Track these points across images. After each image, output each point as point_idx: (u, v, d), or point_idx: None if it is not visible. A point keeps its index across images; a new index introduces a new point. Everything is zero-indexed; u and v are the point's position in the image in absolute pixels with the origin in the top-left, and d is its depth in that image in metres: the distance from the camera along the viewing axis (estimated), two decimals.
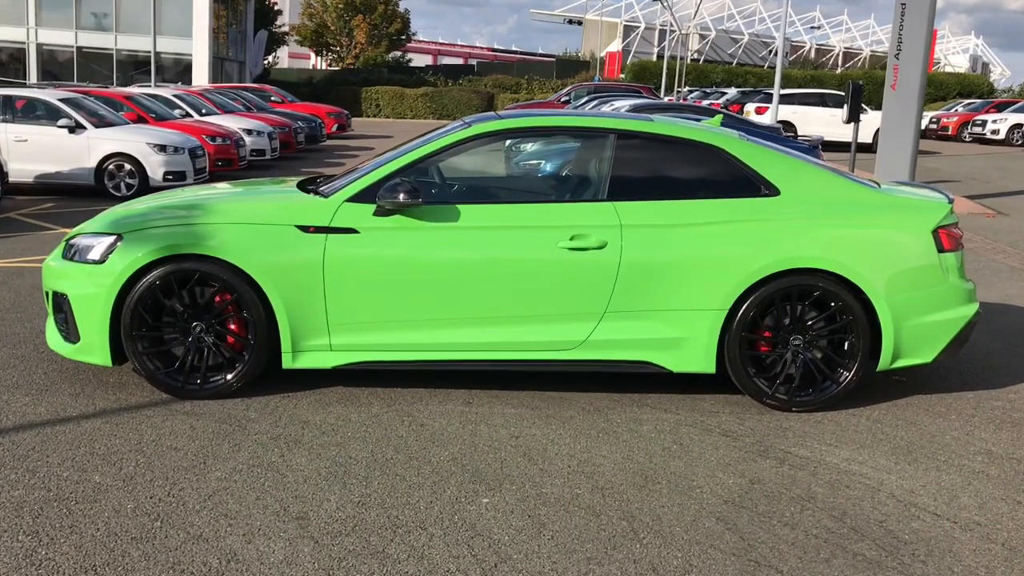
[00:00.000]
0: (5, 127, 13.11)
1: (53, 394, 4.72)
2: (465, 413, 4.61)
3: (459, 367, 4.74)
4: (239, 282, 4.60)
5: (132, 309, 4.62)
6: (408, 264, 4.62)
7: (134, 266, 4.59)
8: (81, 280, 4.69)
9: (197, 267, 4.60)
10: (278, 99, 27.15)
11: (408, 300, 4.65)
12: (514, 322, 4.69)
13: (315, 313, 4.66)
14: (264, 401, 4.69)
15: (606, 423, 4.55)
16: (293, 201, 4.84)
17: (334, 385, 4.95)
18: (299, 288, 4.61)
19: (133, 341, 4.66)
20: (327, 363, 4.73)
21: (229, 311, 4.71)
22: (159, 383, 4.71)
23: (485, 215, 4.71)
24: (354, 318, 4.67)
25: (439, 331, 4.69)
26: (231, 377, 4.70)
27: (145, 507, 3.49)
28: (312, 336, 4.69)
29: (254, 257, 4.58)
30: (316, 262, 4.60)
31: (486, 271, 4.64)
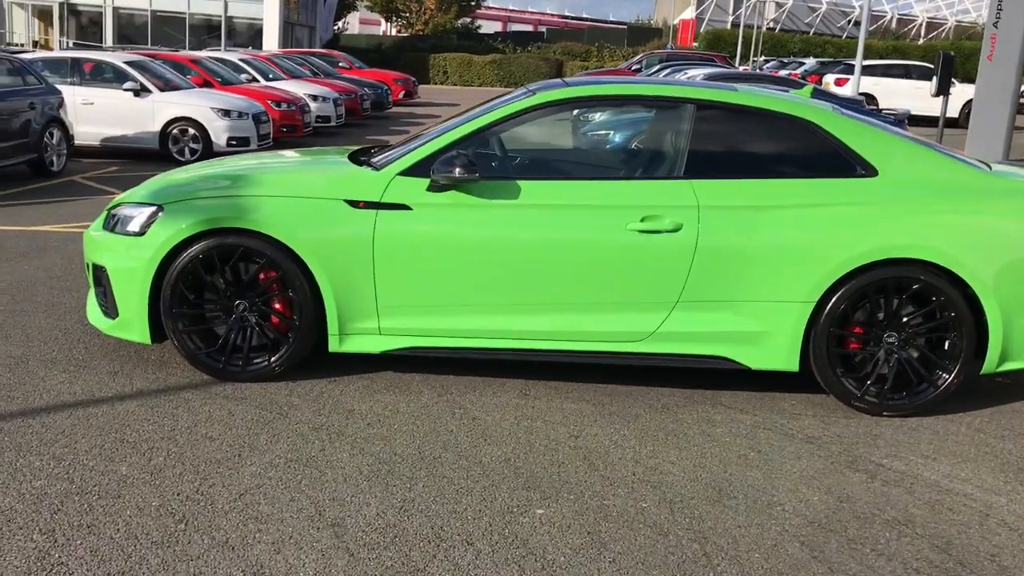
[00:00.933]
0: (73, 90, 13.09)
1: (91, 372, 4.49)
2: (521, 407, 4.25)
3: (516, 357, 4.38)
4: (284, 259, 4.30)
5: (172, 285, 4.36)
6: (463, 244, 4.26)
7: (175, 239, 4.32)
8: (120, 252, 4.44)
9: (240, 242, 4.31)
10: (346, 65, 26.96)
11: (463, 283, 4.30)
12: (577, 310, 4.31)
13: (364, 294, 4.33)
14: (309, 386, 4.40)
15: (675, 424, 4.15)
16: (343, 174, 4.50)
17: (383, 370, 4.64)
18: (347, 267, 4.29)
19: (173, 319, 4.40)
20: (375, 348, 4.41)
21: (274, 290, 4.42)
22: (199, 363, 4.45)
23: (547, 192, 4.31)
24: (405, 300, 4.34)
25: (495, 317, 4.33)
26: (274, 360, 4.41)
27: (171, 505, 3.22)
28: (360, 318, 4.38)
29: (300, 233, 4.27)
30: (365, 240, 4.27)
31: (547, 253, 4.25)
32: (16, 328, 5.14)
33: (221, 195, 4.38)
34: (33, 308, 5.54)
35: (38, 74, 11.63)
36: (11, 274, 6.37)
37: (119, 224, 4.51)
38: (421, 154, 4.38)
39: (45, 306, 5.60)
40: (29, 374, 4.43)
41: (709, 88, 4.70)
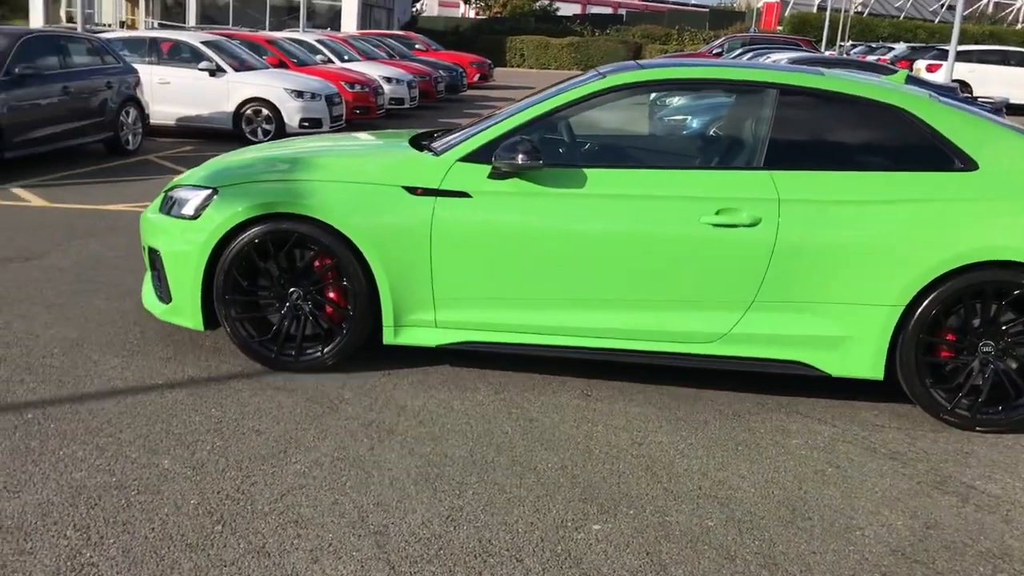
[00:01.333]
0: (150, 69, 13.24)
1: (144, 357, 4.41)
2: (581, 408, 4.02)
3: (577, 355, 4.14)
4: (339, 246, 4.14)
5: (225, 271, 4.24)
6: (525, 234, 4.04)
7: (228, 224, 4.19)
8: (174, 236, 4.34)
9: (295, 228, 4.16)
10: (422, 47, 26.90)
11: (524, 275, 4.08)
12: (644, 307, 4.06)
13: (420, 285, 4.15)
14: (362, 379, 4.24)
15: (747, 433, 3.87)
16: (401, 158, 4.31)
17: (439, 364, 4.46)
18: (403, 256, 4.11)
19: (225, 305, 4.29)
20: (431, 341, 4.23)
21: (328, 278, 4.27)
22: (251, 351, 4.33)
23: (616, 181, 4.06)
24: (463, 292, 4.14)
25: (557, 312, 4.11)
26: (327, 351, 4.27)
27: (210, 504, 3.08)
28: (416, 310, 4.20)
29: (355, 219, 4.10)
30: (423, 228, 4.08)
31: (614, 247, 4.00)
32: (76, 309, 5.10)
33: (276, 179, 4.24)
34: (94, 289, 5.52)
35: (116, 53, 11.76)
36: (78, 253, 6.38)
37: (174, 207, 4.41)
38: (483, 139, 4.16)
39: (107, 287, 5.57)
40: (83, 358, 4.37)
41: (793, 72, 4.38)
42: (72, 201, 8.34)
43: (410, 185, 4.11)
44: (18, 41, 10.00)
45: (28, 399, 3.86)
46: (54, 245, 6.59)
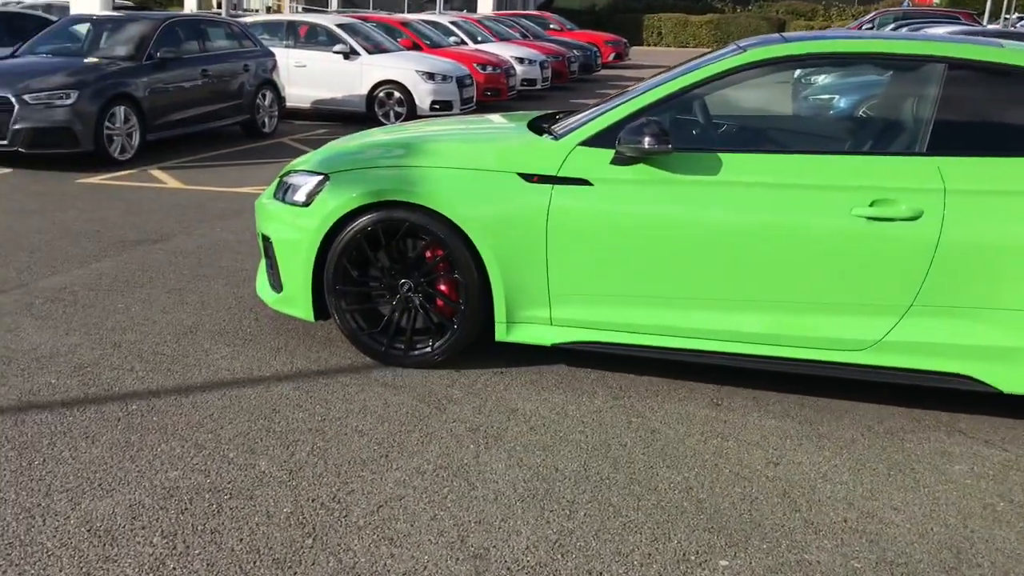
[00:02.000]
0: (288, 52, 13.44)
1: (254, 346, 4.30)
2: (710, 420, 3.65)
3: (707, 360, 3.76)
4: (451, 236, 3.89)
5: (336, 260, 4.06)
6: (651, 227, 3.68)
7: (338, 212, 4.01)
8: (286, 223, 4.19)
9: (406, 216, 3.94)
10: (556, 27, 26.55)
11: (648, 272, 3.72)
12: (784, 309, 3.63)
13: (535, 279, 3.86)
14: (472, 377, 3.99)
15: (900, 455, 3.41)
16: (517, 143, 4.01)
17: (555, 363, 4.16)
18: (517, 248, 3.83)
19: (336, 296, 4.11)
20: (546, 339, 3.93)
21: (440, 270, 4.03)
22: (361, 344, 4.14)
23: (754, 167, 3.64)
24: (581, 289, 3.82)
25: (686, 313, 3.74)
26: (436, 347, 4.04)
27: (303, 513, 2.89)
28: (530, 306, 3.91)
29: (467, 208, 3.84)
30: (539, 218, 3.78)
31: (751, 241, 3.59)
32: (194, 294, 5.07)
33: (388, 165, 4.02)
34: (214, 273, 5.49)
35: (254, 37, 11.96)
36: (203, 236, 6.40)
37: (287, 193, 4.27)
38: (606, 121, 3.82)
39: (227, 272, 5.53)
40: (194, 346, 4.29)
41: (965, 44, 3.83)
42: (206, 183, 8.46)
43: (526, 172, 3.82)
44: (160, 26, 10.26)
45: (135, 389, 3.79)
46: (182, 228, 6.65)
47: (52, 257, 5.79)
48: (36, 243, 6.13)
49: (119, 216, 6.99)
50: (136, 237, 6.35)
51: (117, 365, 4.04)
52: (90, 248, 6.03)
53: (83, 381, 3.85)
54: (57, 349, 4.20)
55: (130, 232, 6.49)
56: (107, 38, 10.27)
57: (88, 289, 5.14)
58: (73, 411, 3.56)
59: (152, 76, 9.75)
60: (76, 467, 3.13)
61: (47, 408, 3.58)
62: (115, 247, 6.06)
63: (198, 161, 9.70)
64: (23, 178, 8.54)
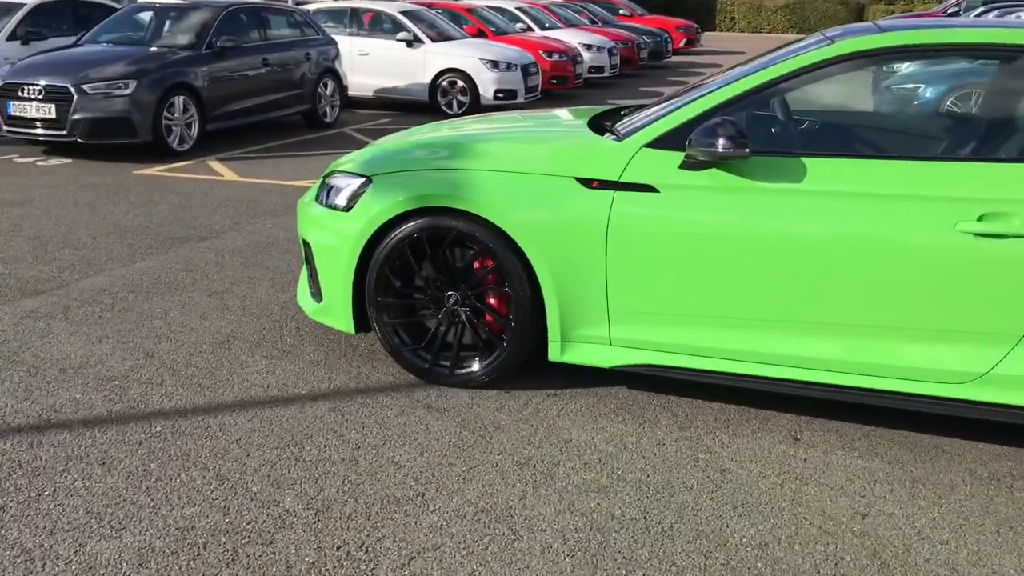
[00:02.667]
0: (351, 40, 13.24)
1: (293, 359, 4.03)
2: (788, 458, 3.25)
3: (786, 390, 3.36)
4: (500, 246, 3.55)
5: (378, 269, 3.76)
6: (723, 239, 3.28)
7: (381, 218, 3.71)
8: (326, 228, 3.90)
9: (453, 224, 3.61)
10: (626, 12, 25.95)
11: (720, 289, 3.33)
12: (874, 335, 3.21)
13: (593, 295, 3.50)
14: (523, 400, 3.66)
15: (1010, 507, 2.97)
16: (575, 144, 3.65)
17: (614, 385, 3.80)
18: (574, 260, 3.47)
19: (377, 308, 3.81)
20: (603, 361, 3.57)
21: (489, 282, 3.70)
22: (403, 360, 3.84)
23: (841, 174, 3.22)
24: (644, 306, 3.45)
25: (762, 336, 3.34)
26: (484, 366, 3.71)
27: (326, 564, 2.59)
28: (587, 324, 3.55)
29: (518, 215, 3.49)
30: (598, 228, 3.42)
31: (837, 258, 3.18)
32: (236, 298, 4.83)
33: (435, 167, 3.70)
34: (260, 275, 5.25)
35: (317, 25, 11.76)
36: (253, 234, 6.18)
37: (329, 195, 3.98)
38: (675, 120, 3.43)
39: (272, 273, 5.29)
40: (230, 357, 4.04)
41: None
42: (263, 176, 8.27)
43: (584, 176, 3.45)
44: (221, 13, 10.10)
45: (162, 407, 3.54)
46: (232, 223, 6.44)
47: (96, 255, 5.61)
48: (83, 239, 5.97)
49: (170, 210, 6.82)
50: (184, 233, 6.16)
51: (147, 379, 3.80)
52: (136, 245, 5.85)
53: (109, 397, 3.62)
54: (87, 359, 3.99)
55: (178, 227, 6.31)
56: (169, 26, 10.16)
57: (128, 291, 4.93)
58: (94, 432, 3.33)
59: (212, 65, 9.60)
60: (87, 499, 2.88)
61: (67, 427, 3.36)
62: (161, 244, 5.87)
63: (257, 152, 9.54)
64: (81, 169, 8.46)
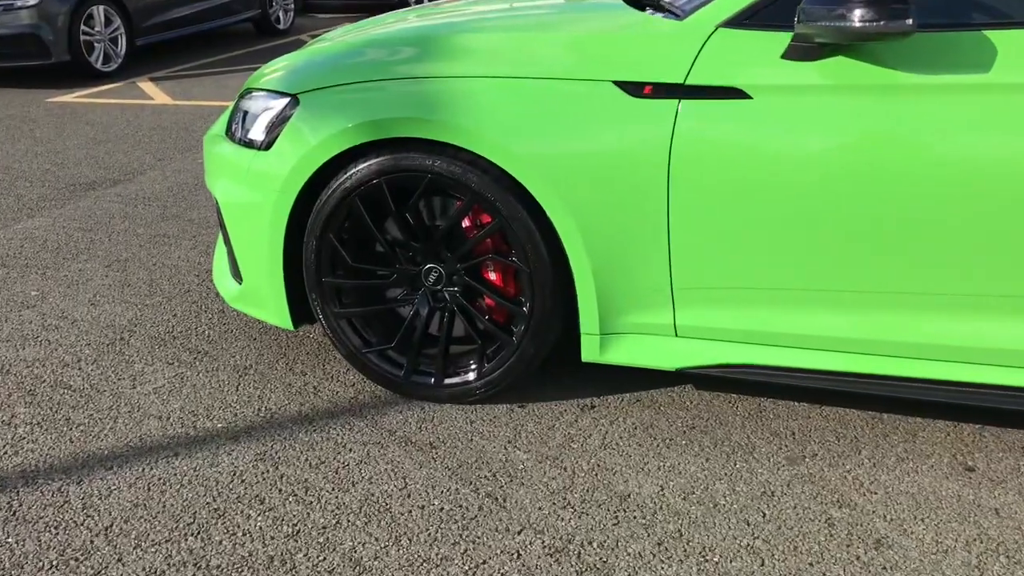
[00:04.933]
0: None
1: (208, 367, 2.81)
2: (968, 507, 2.07)
3: (946, 397, 2.16)
4: (503, 195, 2.30)
5: (318, 236, 2.51)
6: (858, 173, 2.04)
7: (316, 158, 2.43)
8: (238, 176, 2.62)
9: (427, 164, 2.35)
10: None
11: (853, 252, 2.10)
12: None
13: (648, 263, 2.27)
14: (547, 420, 2.46)
15: None
16: (612, 30, 2.34)
17: (674, 385, 2.60)
18: (618, 211, 2.22)
19: (323, 293, 2.58)
20: (667, 360, 2.36)
21: (486, 249, 2.46)
22: (367, 367, 2.62)
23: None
24: (728, 279, 2.22)
25: (926, 319, 2.13)
26: (485, 371, 2.50)
27: None
28: (640, 307, 2.33)
29: (528, 147, 2.23)
30: (653, 159, 2.16)
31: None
32: (143, 268, 3.58)
33: (395, 76, 2.40)
34: (179, 231, 3.98)
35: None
36: (179, 173, 4.89)
37: (241, 124, 2.69)
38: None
39: (196, 228, 4.03)
40: (120, 368, 2.82)
41: None
42: (202, 96, 6.92)
43: (629, 79, 2.17)
44: None
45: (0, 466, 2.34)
46: (155, 161, 5.13)
47: None
48: None
49: (81, 147, 5.49)
50: (92, 177, 4.86)
51: None
52: (27, 196, 4.56)
53: None
54: None
55: (87, 169, 5.00)
56: None
57: (0, 264, 3.68)
58: None
59: None
60: None
61: None
62: (60, 194, 4.57)
63: (197, 69, 8.13)
64: None
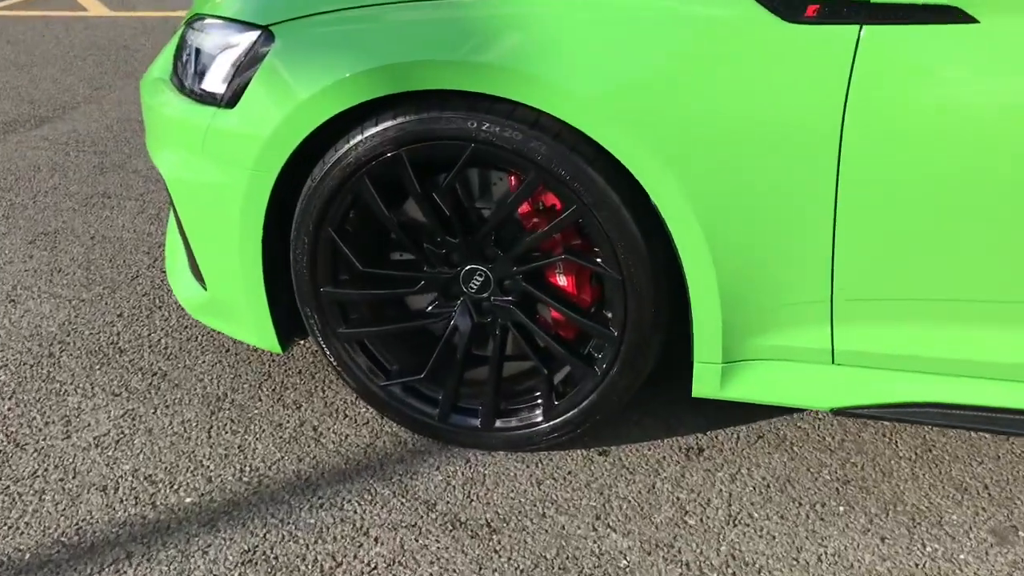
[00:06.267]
0: None
1: (165, 399, 2.08)
2: None
3: None
4: (585, 172, 1.55)
5: (311, 230, 1.75)
6: None
7: (307, 122, 1.65)
8: (188, 144, 1.83)
9: (469, 128, 1.58)
10: None
11: None
12: None
13: (800, 260, 1.54)
14: (648, 464, 1.78)
15: None
16: None
17: (815, 422, 1.92)
18: (758, 191, 1.49)
19: (320, 307, 1.84)
20: (821, 397, 1.66)
21: (554, 248, 1.72)
22: (387, 406, 1.90)
23: None
24: (919, 285, 1.52)
25: None
26: (555, 411, 1.80)
27: None
28: (785, 323, 1.61)
29: (627, 100, 1.48)
30: (819, 113, 1.41)
31: None
32: (76, 242, 2.81)
33: (412, 6, 1.61)
34: (119, 190, 3.19)
35: None
36: (120, 105, 4.05)
37: (191, 68, 1.88)
38: None
39: (144, 182, 3.24)
40: (50, 397, 2.08)
41: None
42: (145, 5, 5.98)
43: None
44: None
45: None
46: (90, 90, 4.28)
47: None
48: None
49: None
50: (13, 114, 4.01)
51: None
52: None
53: None
54: None
55: (7, 104, 4.15)
56: None
57: None
58: None
59: None
60: None
61: None
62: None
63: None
64: None
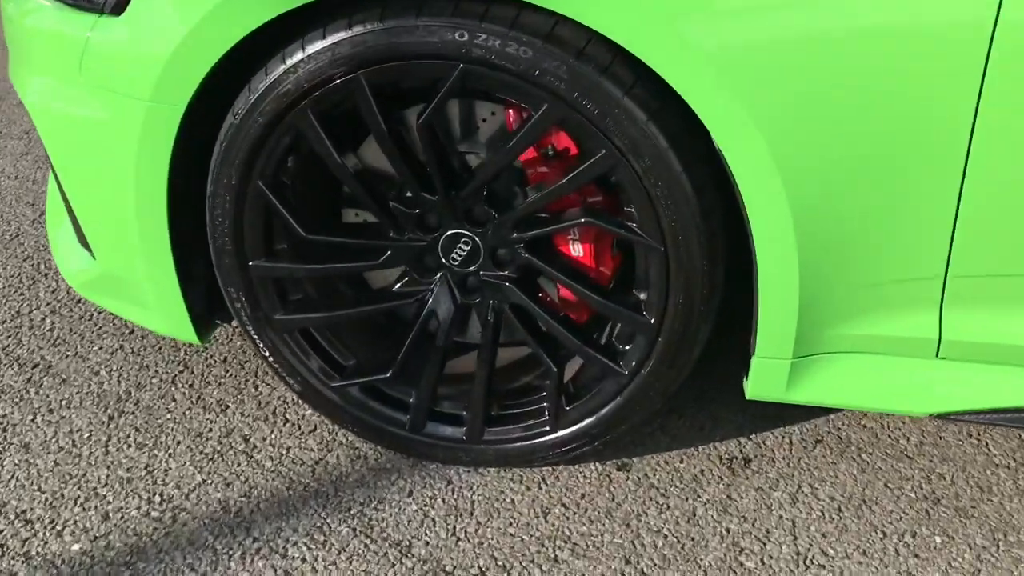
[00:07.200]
0: None
1: (65, 414, 1.60)
2: None
3: None
4: (619, 105, 1.10)
5: (236, 183, 1.26)
6: None
7: (223, 35, 1.15)
8: (61, 66, 1.31)
9: (454, 41, 1.11)
10: None
11: None
12: None
13: (912, 229, 1.12)
14: (683, 483, 1.38)
15: None
16: None
17: (900, 429, 1.54)
18: (862, 136, 1.05)
19: (249, 288, 1.35)
20: (920, 400, 1.25)
21: (568, 207, 1.27)
22: (341, 413, 1.45)
23: None
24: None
25: None
26: (564, 417, 1.36)
27: None
28: (881, 306, 1.19)
29: (676, 27, 1.03)
30: (956, 39, 0.98)
31: None
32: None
33: None
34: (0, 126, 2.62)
35: None
36: None
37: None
38: None
39: (24, 117, 2.67)
40: None
41: None
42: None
43: None
44: None
45: None
46: None
47: None
48: None
49: None
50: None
51: None
52: None
53: None
54: None
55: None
56: None
57: None
58: None
59: None
60: None
61: None
62: None
63: None
64: None
